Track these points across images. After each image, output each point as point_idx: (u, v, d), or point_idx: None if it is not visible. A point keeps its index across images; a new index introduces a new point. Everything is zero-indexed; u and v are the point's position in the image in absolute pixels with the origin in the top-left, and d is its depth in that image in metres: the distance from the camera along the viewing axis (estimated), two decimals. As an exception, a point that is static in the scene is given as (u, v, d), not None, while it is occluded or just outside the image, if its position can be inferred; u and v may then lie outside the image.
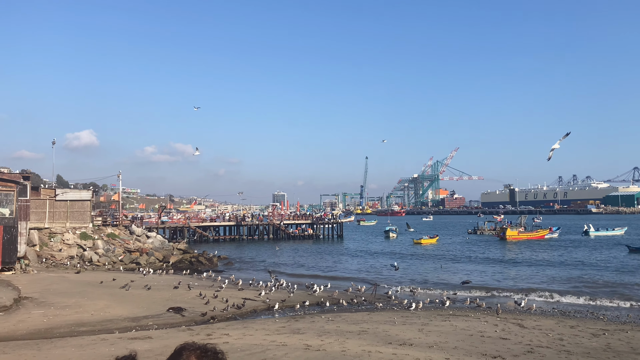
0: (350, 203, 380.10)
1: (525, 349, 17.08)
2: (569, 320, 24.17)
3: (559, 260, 53.00)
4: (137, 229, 63.15)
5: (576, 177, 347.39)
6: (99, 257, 47.92)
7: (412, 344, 17.32)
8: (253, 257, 60.10)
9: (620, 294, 33.82)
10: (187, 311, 25.04)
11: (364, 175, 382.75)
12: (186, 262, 51.96)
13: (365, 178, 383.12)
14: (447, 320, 22.97)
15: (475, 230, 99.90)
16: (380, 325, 21.29)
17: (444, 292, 32.90)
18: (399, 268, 43.70)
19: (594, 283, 38.64)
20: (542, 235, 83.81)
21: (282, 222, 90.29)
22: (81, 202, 54.31)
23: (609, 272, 44.10)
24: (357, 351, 15.68)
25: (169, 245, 61.26)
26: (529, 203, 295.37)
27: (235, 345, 16.41)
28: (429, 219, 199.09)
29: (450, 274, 44.72)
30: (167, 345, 16.13)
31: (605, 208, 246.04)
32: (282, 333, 19.11)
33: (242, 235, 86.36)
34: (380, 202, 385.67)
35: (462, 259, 56.22)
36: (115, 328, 21.06)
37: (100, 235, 54.06)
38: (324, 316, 24.37)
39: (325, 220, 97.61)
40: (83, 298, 27.10)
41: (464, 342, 17.92)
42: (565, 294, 33.14)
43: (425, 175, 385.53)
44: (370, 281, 38.28)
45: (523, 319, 23.77)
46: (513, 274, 43.70)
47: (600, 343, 18.64)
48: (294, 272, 46.77)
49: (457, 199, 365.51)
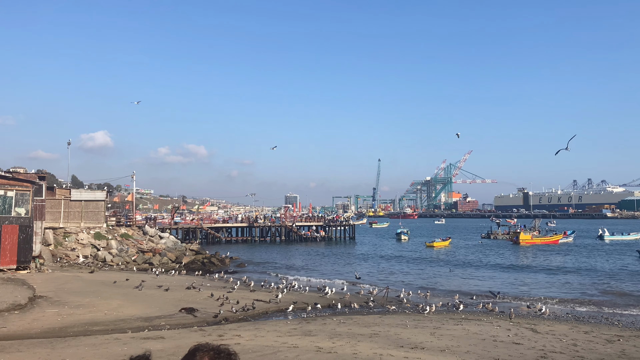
0: (363, 205, 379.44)
1: (538, 354, 16.92)
2: (582, 326, 23.90)
3: (570, 267, 52.09)
4: (150, 229, 63.59)
5: (591, 181, 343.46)
6: (113, 257, 48.33)
7: (424, 348, 17.24)
8: (265, 259, 60.23)
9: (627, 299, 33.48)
10: (199, 312, 25.14)
11: (377, 177, 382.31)
12: (198, 263, 52.20)
13: (377, 180, 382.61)
14: (459, 324, 22.82)
15: (488, 234, 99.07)
16: (392, 328, 21.22)
17: (456, 295, 32.66)
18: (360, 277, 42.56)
19: (604, 292, 37.96)
20: (557, 240, 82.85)
21: (294, 224, 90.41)
22: (95, 202, 54.83)
23: (617, 280, 43.29)
24: (369, 354, 15.65)
25: (181, 246, 61.60)
26: (543, 207, 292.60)
27: (246, 346, 16.46)
28: (441, 222, 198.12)
29: (459, 279, 44.33)
30: (179, 346, 16.22)
31: (620, 212, 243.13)
32: (294, 335, 19.12)
33: (254, 237, 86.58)
34: (392, 204, 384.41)
35: (473, 264, 55.54)
36: (128, 328, 21.21)
37: (114, 235, 54.51)
38: (336, 318, 24.35)
39: (338, 223, 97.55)
40: (96, 297, 27.33)
41: (476, 347, 17.80)
42: (572, 303, 32.40)
43: (438, 178, 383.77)
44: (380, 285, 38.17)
45: (536, 324, 23.54)
46: (525, 281, 43.10)
47: (615, 349, 18.40)
48: (306, 275, 46.77)
49: (470, 202, 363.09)
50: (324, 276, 45.29)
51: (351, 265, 54.68)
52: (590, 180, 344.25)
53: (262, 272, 47.34)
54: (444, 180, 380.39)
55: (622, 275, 45.44)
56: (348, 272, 49.06)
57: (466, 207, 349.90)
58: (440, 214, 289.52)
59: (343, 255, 66.65)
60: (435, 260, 59.16)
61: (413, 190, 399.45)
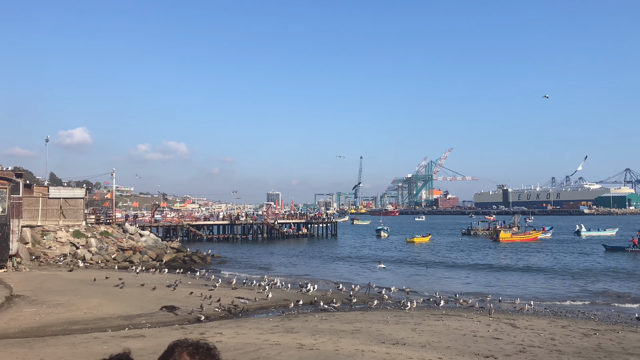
0: (345, 202, 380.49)
1: (517, 349, 17.17)
2: (560, 320, 24.30)
3: (547, 266, 51.60)
4: (130, 227, 62.94)
5: (569, 178, 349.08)
6: (92, 255, 47.74)
7: (405, 344, 17.37)
8: (247, 257, 60.04)
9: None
10: (181, 310, 24.99)
11: (359, 175, 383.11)
12: (179, 260, 51.84)
13: (359, 178, 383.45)
14: (440, 320, 23.04)
15: (469, 230, 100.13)
16: (373, 324, 21.34)
17: (436, 292, 32.90)
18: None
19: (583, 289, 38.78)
20: (535, 237, 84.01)
21: (277, 222, 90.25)
22: (74, 200, 54.07)
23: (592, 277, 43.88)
24: (351, 350, 15.72)
25: (162, 244, 61.07)
26: (522, 204, 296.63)
27: (228, 344, 16.41)
28: (422, 219, 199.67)
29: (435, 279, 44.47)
30: (160, 344, 16.06)
31: (597, 209, 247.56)
32: (276, 332, 19.12)
33: (236, 235, 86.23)
34: (374, 201, 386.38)
35: (452, 263, 54.23)
36: (108, 326, 20.99)
37: (94, 233, 53.83)
38: (318, 315, 24.40)
39: (320, 220, 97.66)
40: (76, 296, 26.99)
41: (457, 342, 17.99)
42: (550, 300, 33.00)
43: (419, 175, 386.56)
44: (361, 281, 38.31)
45: (515, 319, 23.88)
46: (500, 281, 43.15)
47: (592, 343, 18.76)
48: (288, 272, 46.74)
49: (451, 199, 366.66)
50: (306, 273, 45.32)
51: (333, 263, 54.80)
52: (568, 177, 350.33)
53: (244, 270, 47.18)
54: (425, 177, 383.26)
55: (597, 272, 46.27)
56: (330, 269, 49.18)
57: (447, 204, 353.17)
58: (421, 210, 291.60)
59: (325, 252, 66.70)
60: (415, 261, 55.89)
61: (394, 187, 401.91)
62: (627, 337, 20.12)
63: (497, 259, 56.73)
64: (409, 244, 77.53)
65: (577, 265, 49.99)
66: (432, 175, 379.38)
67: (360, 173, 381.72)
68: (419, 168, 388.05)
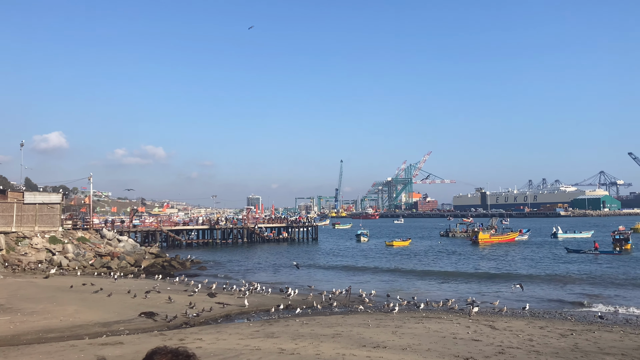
0: (325, 206, 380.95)
1: (496, 350, 17.35)
2: (538, 321, 24.63)
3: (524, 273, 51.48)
4: (108, 232, 62.09)
5: (545, 181, 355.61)
6: (69, 262, 46.96)
7: (386, 347, 17.42)
8: (227, 261, 59.62)
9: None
10: (160, 316, 24.71)
11: (339, 178, 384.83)
12: (158, 266, 51.28)
13: (340, 181, 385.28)
14: (420, 323, 23.17)
15: (447, 232, 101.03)
16: (354, 328, 21.36)
17: (414, 296, 32.97)
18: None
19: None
20: (513, 238, 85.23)
21: (257, 226, 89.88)
22: (50, 205, 53.17)
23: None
24: (332, 354, 15.71)
25: (140, 249, 60.37)
26: (500, 206, 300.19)
27: (208, 349, 16.27)
28: (400, 222, 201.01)
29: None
30: (139, 351, 15.90)
31: (573, 211, 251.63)
32: (256, 337, 19.01)
33: (216, 239, 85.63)
34: (354, 205, 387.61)
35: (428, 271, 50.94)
36: (85, 334, 20.65)
37: (70, 239, 52.97)
38: (299, 320, 24.33)
39: (300, 224, 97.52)
40: (52, 303, 26.51)
41: (437, 344, 18.10)
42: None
43: (399, 178, 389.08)
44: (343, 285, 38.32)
45: (494, 321, 24.13)
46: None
47: (569, 343, 19.04)
48: (268, 277, 46.51)
49: (430, 202, 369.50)
50: (287, 277, 45.18)
51: (313, 268, 54.74)
52: (544, 180, 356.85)
53: (223, 275, 46.82)
54: (405, 180, 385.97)
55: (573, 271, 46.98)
56: (309, 273, 49.10)
57: (426, 207, 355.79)
58: (401, 213, 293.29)
59: (305, 256, 66.58)
60: (395, 271, 51.08)
61: (374, 190, 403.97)
62: (602, 337, 20.48)
63: (472, 263, 57.21)
64: (388, 247, 77.93)
65: (542, 268, 50.36)
66: (411, 178, 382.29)
67: (340, 177, 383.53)
68: (398, 171, 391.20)
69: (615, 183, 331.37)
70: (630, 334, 21.70)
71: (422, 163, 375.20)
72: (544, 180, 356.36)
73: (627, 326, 24.16)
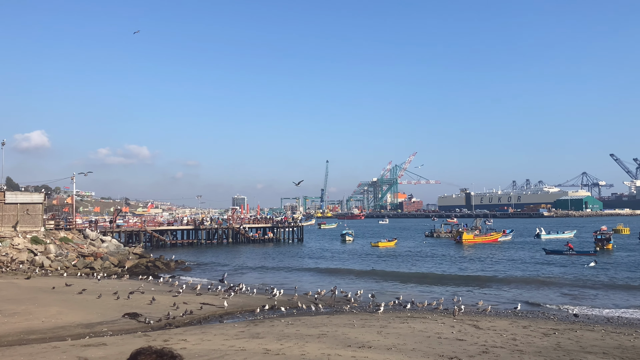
0: (311, 206, 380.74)
1: (480, 350, 17.47)
2: (521, 321, 24.87)
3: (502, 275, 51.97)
4: (91, 233, 61.47)
5: (529, 182, 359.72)
6: (51, 262, 46.39)
7: (371, 347, 17.46)
8: (212, 262, 59.35)
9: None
10: (143, 317, 24.50)
11: (325, 178, 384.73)
12: (142, 266, 50.87)
13: (325, 181, 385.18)
14: (405, 322, 23.27)
15: (432, 233, 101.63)
16: (339, 328, 21.38)
17: (400, 296, 33.01)
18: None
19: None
20: (496, 239, 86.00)
21: (242, 226, 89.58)
22: (32, 205, 52.51)
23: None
24: (317, 355, 15.70)
25: (124, 250, 59.86)
26: (484, 207, 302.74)
27: (193, 350, 16.17)
28: (385, 222, 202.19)
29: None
30: (123, 352, 15.75)
31: (556, 212, 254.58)
32: (241, 338, 18.94)
33: (201, 240, 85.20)
34: (340, 205, 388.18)
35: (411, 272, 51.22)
36: (67, 335, 20.40)
37: (53, 239, 52.34)
38: (284, 320, 24.30)
39: (286, 224, 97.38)
40: (33, 305, 26.16)
41: (422, 344, 18.19)
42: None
43: (384, 179, 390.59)
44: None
45: (479, 320, 24.31)
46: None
47: (551, 342, 19.26)
48: (254, 277, 46.36)
49: (415, 203, 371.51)
50: (272, 278, 45.10)
51: (298, 270, 54.67)
52: (528, 180, 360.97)
53: (208, 275, 46.59)
54: (390, 181, 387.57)
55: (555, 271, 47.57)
56: (295, 275, 49.06)
57: (411, 207, 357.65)
58: (386, 214, 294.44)
59: (290, 257, 66.48)
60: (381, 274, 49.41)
61: (360, 191, 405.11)
62: (584, 336, 20.75)
63: (456, 265, 57.61)
64: (374, 248, 78.07)
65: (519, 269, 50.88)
66: (397, 179, 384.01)
67: (326, 177, 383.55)
68: (384, 172, 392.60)
69: (597, 184, 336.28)
70: (612, 332, 22.01)
71: (407, 163, 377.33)
72: (528, 181, 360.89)
73: (608, 325, 24.52)
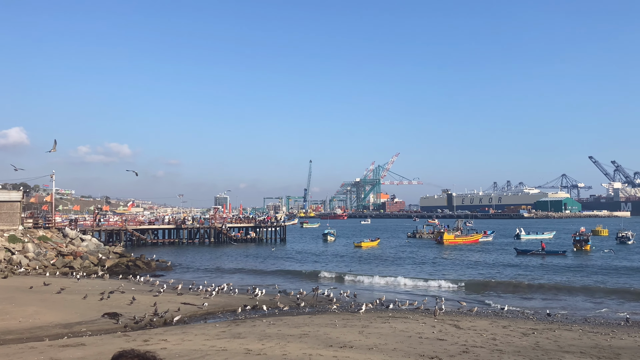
0: (294, 206, 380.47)
1: (460, 349, 17.63)
2: (501, 321, 25.16)
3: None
4: (70, 231, 60.66)
5: (510, 183, 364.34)
6: (29, 261, 45.68)
7: (353, 347, 17.51)
8: (193, 261, 58.97)
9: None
10: (123, 316, 24.26)
11: (308, 178, 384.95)
12: (123, 266, 50.36)
13: (309, 181, 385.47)
14: (386, 322, 23.37)
15: (414, 234, 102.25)
16: (321, 328, 21.40)
17: (383, 296, 33.18)
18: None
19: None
20: (477, 239, 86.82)
21: (224, 226, 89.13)
22: (10, 203, 51.66)
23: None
24: (298, 354, 15.70)
25: (104, 249, 59.16)
26: (465, 207, 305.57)
27: (173, 351, 16.06)
28: (367, 222, 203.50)
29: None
30: (102, 352, 15.59)
31: (536, 213, 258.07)
32: (222, 338, 18.86)
33: (182, 239, 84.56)
34: (323, 205, 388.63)
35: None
36: (45, 335, 20.12)
37: (31, 238, 51.54)
38: (265, 320, 24.25)
39: (269, 224, 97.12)
40: (10, 304, 25.74)
41: (403, 344, 18.29)
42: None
43: (367, 179, 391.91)
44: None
45: (459, 320, 24.53)
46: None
47: (530, 342, 19.51)
48: (235, 277, 46.17)
49: (398, 203, 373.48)
50: (254, 278, 44.98)
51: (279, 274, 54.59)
52: (509, 182, 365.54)
53: (190, 275, 46.29)
54: (373, 181, 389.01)
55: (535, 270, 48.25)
56: (278, 274, 48.99)
57: (394, 207, 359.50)
58: (369, 214, 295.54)
59: (272, 257, 66.35)
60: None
61: (343, 191, 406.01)
62: (562, 336, 21.07)
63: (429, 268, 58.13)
64: (357, 248, 78.23)
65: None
66: (379, 179, 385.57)
67: (309, 177, 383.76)
68: (367, 172, 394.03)
69: (576, 186, 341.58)
70: (589, 332, 22.38)
71: (390, 164, 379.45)
72: (509, 183, 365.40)
73: (585, 325, 24.94)
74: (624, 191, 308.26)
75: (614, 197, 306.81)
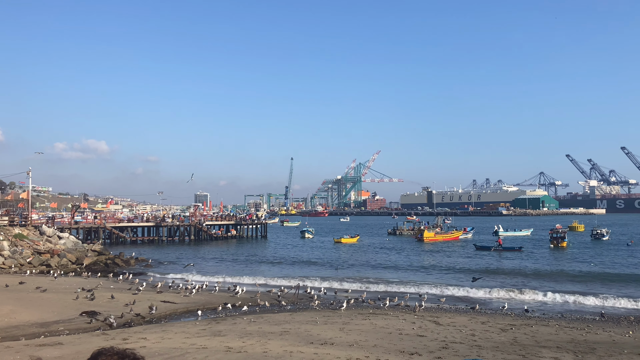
0: (275, 204, 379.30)
1: (440, 345, 17.80)
2: (480, 317, 25.46)
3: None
4: (47, 229, 59.69)
5: (489, 181, 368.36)
6: (4, 260, 44.86)
7: (333, 343, 17.56)
8: (173, 259, 58.48)
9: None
10: (102, 315, 23.99)
11: (289, 176, 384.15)
12: (101, 264, 49.76)
13: (290, 179, 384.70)
14: (367, 319, 23.49)
15: (394, 230, 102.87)
16: (302, 325, 21.42)
17: (364, 294, 33.32)
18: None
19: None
20: (457, 237, 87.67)
21: (205, 223, 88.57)
22: (-16, 200, 50.55)
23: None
24: (279, 352, 15.69)
25: (82, 247, 58.35)
26: (445, 205, 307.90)
27: (153, 349, 15.93)
28: (346, 219, 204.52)
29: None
30: (80, 352, 15.40)
31: (514, 210, 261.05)
32: (203, 336, 18.77)
33: (162, 237, 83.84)
34: (304, 203, 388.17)
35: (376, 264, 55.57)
36: (21, 335, 19.80)
37: (6, 236, 50.59)
38: (246, 317, 24.19)
39: (250, 221, 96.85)
40: (-15, 303, 25.24)
41: (383, 340, 18.40)
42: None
43: (349, 177, 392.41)
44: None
45: (439, 317, 24.76)
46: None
47: (508, 337, 19.79)
48: (216, 274, 45.93)
49: (379, 200, 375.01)
50: (235, 275, 44.79)
51: (260, 265, 54.49)
52: (488, 180, 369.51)
53: (170, 273, 45.90)
54: (354, 179, 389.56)
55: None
56: (259, 270, 48.88)
57: (375, 205, 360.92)
58: (349, 212, 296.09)
59: (254, 254, 66.21)
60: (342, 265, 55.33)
61: (324, 188, 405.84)
62: (539, 331, 21.42)
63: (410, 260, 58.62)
64: (337, 244, 78.74)
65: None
66: (360, 177, 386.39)
67: (290, 174, 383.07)
68: (348, 170, 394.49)
69: (554, 184, 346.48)
70: (565, 327, 22.80)
71: (371, 162, 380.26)
72: (488, 180, 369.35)
73: (562, 320, 25.38)
74: (600, 189, 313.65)
75: (590, 194, 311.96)
